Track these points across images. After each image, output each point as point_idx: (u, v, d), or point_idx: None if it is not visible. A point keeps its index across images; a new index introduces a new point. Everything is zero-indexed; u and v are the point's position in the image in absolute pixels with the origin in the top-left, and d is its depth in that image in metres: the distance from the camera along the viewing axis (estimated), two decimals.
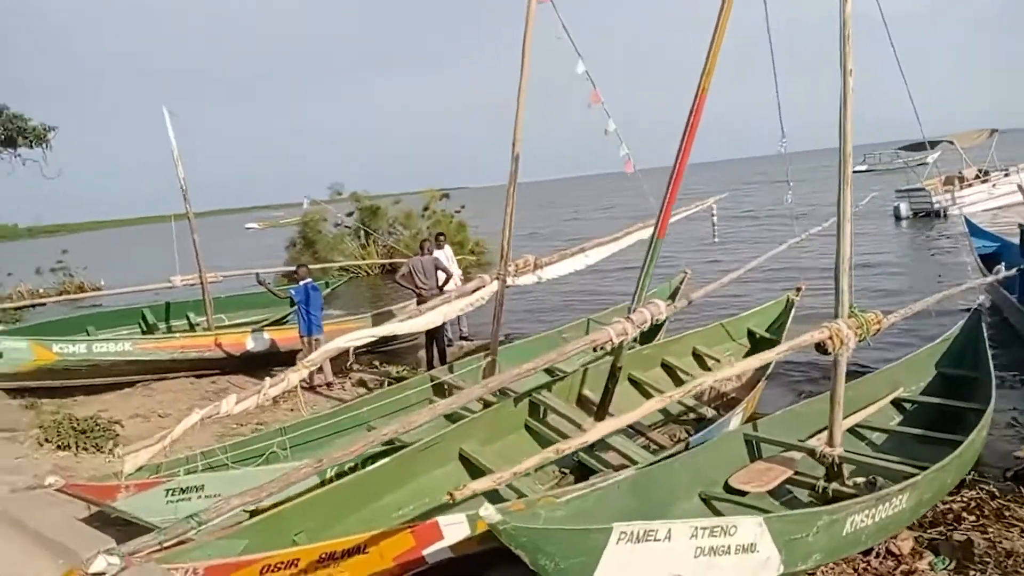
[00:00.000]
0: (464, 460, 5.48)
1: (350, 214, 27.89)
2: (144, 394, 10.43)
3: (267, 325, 13.13)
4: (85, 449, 7.32)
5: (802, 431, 5.86)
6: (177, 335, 11.16)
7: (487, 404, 6.99)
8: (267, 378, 4.97)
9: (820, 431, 5.84)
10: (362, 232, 27.68)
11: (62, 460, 7.03)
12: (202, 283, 11.71)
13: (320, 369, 10.20)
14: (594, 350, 5.02)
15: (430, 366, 10.43)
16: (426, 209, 29.20)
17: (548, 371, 7.47)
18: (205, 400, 10.03)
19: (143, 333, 13.00)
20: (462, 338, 11.89)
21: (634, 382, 7.62)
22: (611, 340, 4.93)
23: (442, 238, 11.60)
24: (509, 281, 6.73)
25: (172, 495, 4.48)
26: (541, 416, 6.38)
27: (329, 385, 10.14)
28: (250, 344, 11.38)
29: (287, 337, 11.73)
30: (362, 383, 10.35)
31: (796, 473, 5.19)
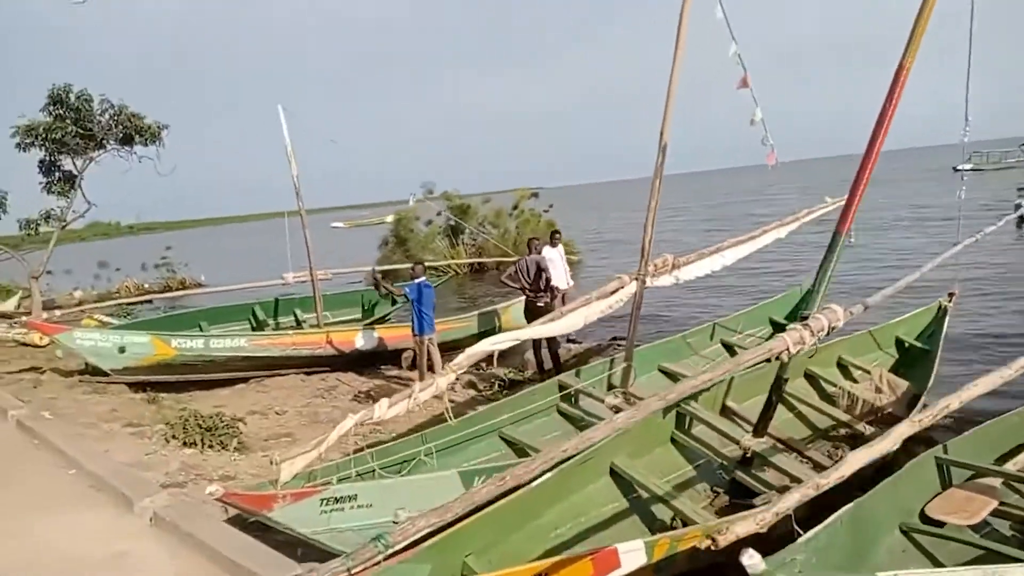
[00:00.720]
0: (615, 475, 5.07)
1: (439, 213, 27.99)
2: (258, 390, 10.49)
3: (375, 323, 13.14)
4: (210, 447, 7.29)
5: (994, 452, 5.20)
6: (289, 332, 11.20)
7: (617, 411, 6.60)
8: (415, 383, 4.69)
9: (1015, 452, 5.18)
10: (451, 231, 27.75)
11: (189, 458, 6.99)
12: (312, 280, 11.72)
13: (431, 370, 10.02)
14: (769, 360, 4.51)
15: (540, 369, 10.09)
16: (515, 208, 29.00)
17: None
18: (317, 397, 10.02)
19: (253, 329, 13.22)
20: (569, 340, 11.47)
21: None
22: (787, 349, 4.42)
23: (557, 236, 11.15)
24: (648, 282, 6.26)
25: (326, 505, 4.25)
26: (687, 428, 5.91)
27: None
28: (359, 342, 11.32)
29: (395, 335, 11.65)
30: (472, 385, 10.08)
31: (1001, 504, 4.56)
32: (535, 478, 4.62)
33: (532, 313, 9.32)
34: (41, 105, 15.90)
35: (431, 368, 9.99)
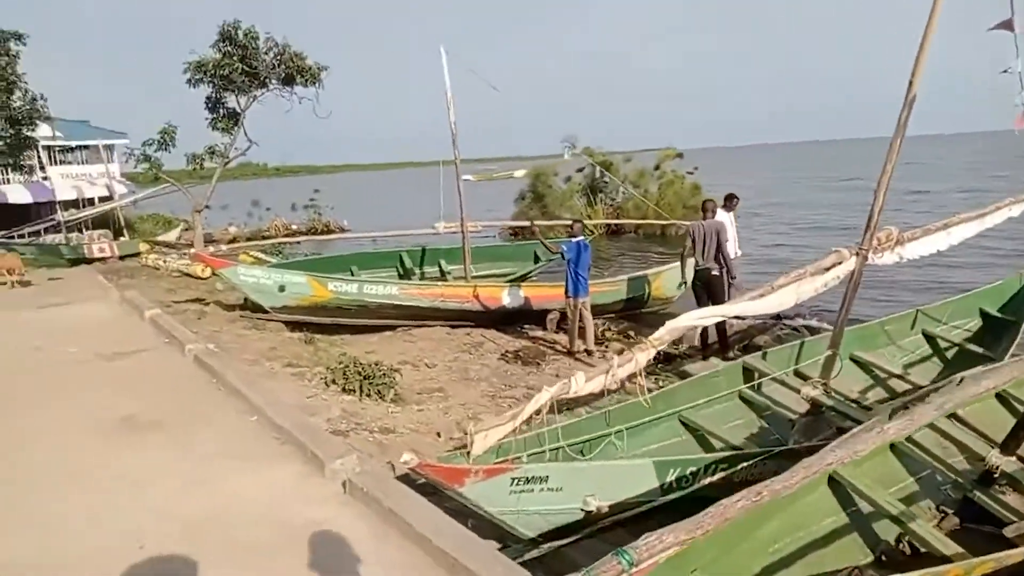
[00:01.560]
0: (833, 484, 4.37)
1: (580, 170, 27.23)
2: (405, 340, 10.41)
3: (518, 280, 12.79)
4: (368, 395, 7.15)
5: None
6: (439, 284, 11.03)
7: (816, 405, 5.82)
8: (614, 356, 4.17)
9: None
10: (590, 190, 26.97)
11: (348, 404, 6.87)
12: (463, 232, 11.46)
13: (582, 335, 9.52)
14: None
15: (703, 344, 9.32)
16: (656, 168, 27.74)
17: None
18: (464, 352, 9.78)
19: (400, 277, 13.22)
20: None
21: None
22: None
23: (735, 200, 10.05)
24: (871, 259, 5.38)
25: (516, 484, 3.86)
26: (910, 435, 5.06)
27: (589, 353, 9.40)
28: (505, 299, 10.99)
29: (542, 295, 11.25)
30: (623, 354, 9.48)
31: None
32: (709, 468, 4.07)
33: (706, 285, 8.54)
34: (212, 42, 16.50)
35: (582, 334, 9.50)
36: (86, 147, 31.02)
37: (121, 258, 19.86)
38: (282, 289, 10.08)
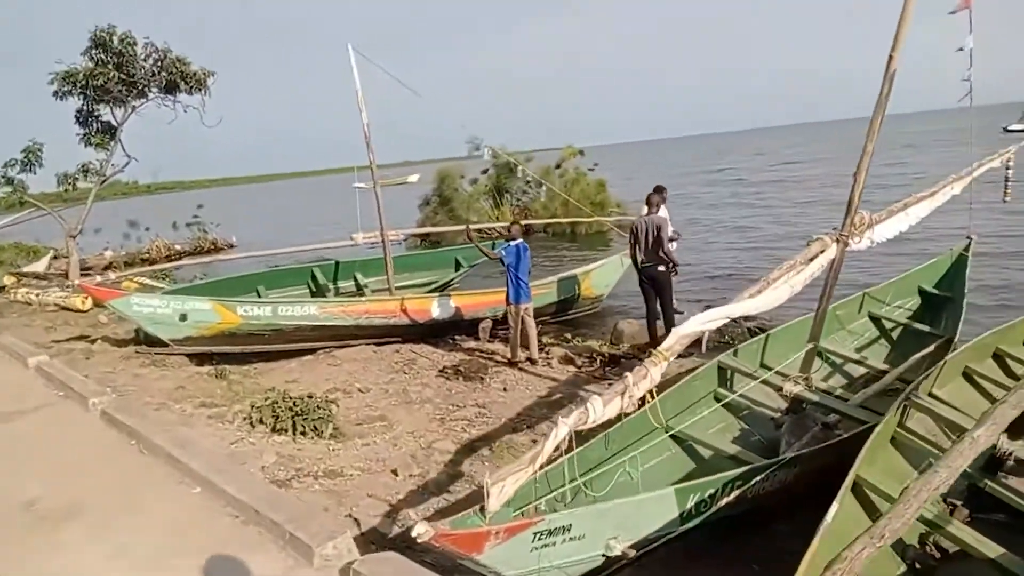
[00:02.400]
0: (857, 488, 4.02)
1: (485, 171, 26.73)
2: (329, 363, 9.50)
3: (443, 289, 12.14)
4: (303, 433, 6.30)
5: None
6: (362, 299, 10.17)
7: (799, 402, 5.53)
8: (627, 373, 3.61)
9: None
10: (495, 191, 26.51)
11: (281, 446, 6.02)
12: (383, 241, 10.65)
13: (524, 343, 8.98)
14: None
15: (653, 339, 8.93)
16: (558, 166, 27.65)
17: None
18: (398, 372, 9.00)
19: (312, 294, 12.24)
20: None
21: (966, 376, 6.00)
22: None
23: (664, 192, 9.73)
24: (852, 244, 5.12)
25: (538, 540, 3.20)
26: (905, 423, 4.82)
27: (532, 362, 8.86)
28: (435, 310, 10.29)
29: (472, 304, 10.64)
30: (569, 360, 9.01)
31: None
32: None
33: (653, 283, 8.18)
34: (76, 52, 14.79)
35: (525, 342, 8.95)
36: None
37: None
38: (183, 318, 8.95)
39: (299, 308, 9.54)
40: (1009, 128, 50.20)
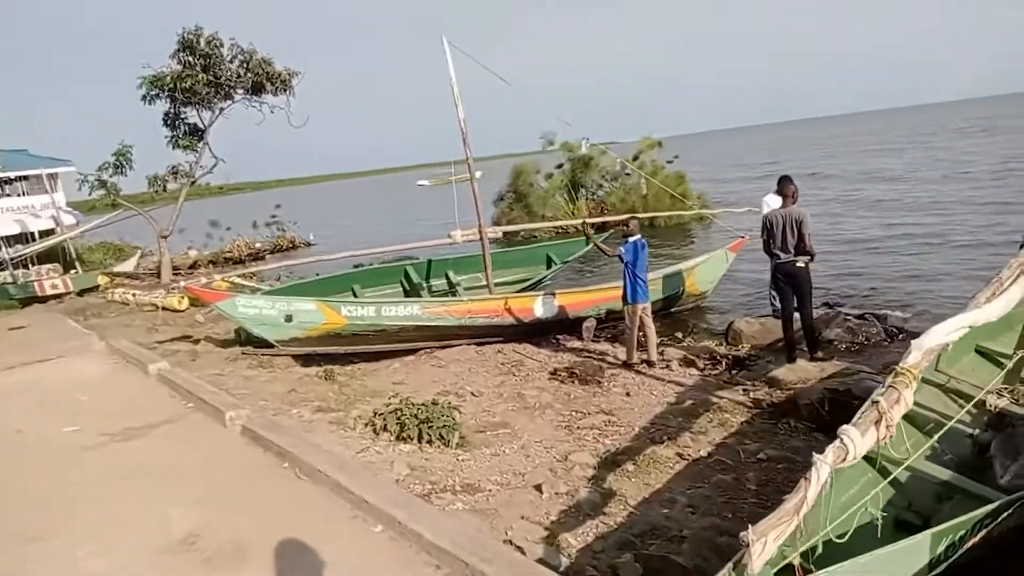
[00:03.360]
0: None
1: (559, 166, 26.25)
2: (433, 364, 9.22)
3: (536, 286, 11.76)
4: (429, 442, 5.96)
5: None
6: (465, 299, 9.84)
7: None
8: (878, 398, 3.10)
9: None
10: (571, 185, 25.95)
11: (409, 456, 5.70)
12: (481, 238, 10.28)
13: (641, 345, 8.48)
14: None
15: (789, 341, 8.18)
16: (635, 159, 26.87)
17: None
18: (507, 374, 8.62)
19: (405, 293, 12.02)
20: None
21: None
22: None
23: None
24: None
25: None
26: None
27: (650, 364, 8.35)
28: (539, 310, 9.89)
29: (576, 302, 10.21)
30: (689, 362, 8.46)
31: None
32: None
33: (790, 279, 7.55)
34: (155, 58, 15.00)
35: (642, 345, 8.45)
36: (26, 178, 28.78)
37: (79, 294, 18.10)
38: (289, 319, 8.78)
39: (403, 308, 9.28)
40: None
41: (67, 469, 5.41)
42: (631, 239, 8.22)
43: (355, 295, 11.46)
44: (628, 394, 7.43)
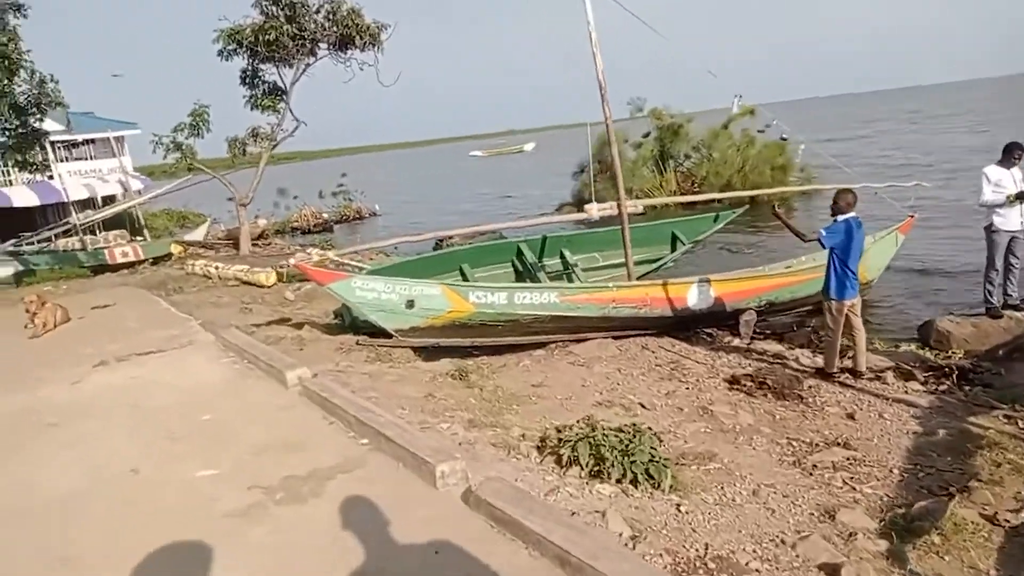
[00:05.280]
0: None
1: (647, 135, 24.45)
2: (570, 361, 7.86)
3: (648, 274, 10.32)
4: (634, 482, 4.57)
5: None
6: (610, 286, 8.39)
7: None
8: None
9: None
10: (659, 156, 24.16)
11: (614, 502, 4.32)
12: (620, 214, 8.83)
13: (844, 351, 6.95)
14: None
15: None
16: (725, 127, 24.87)
17: None
18: (670, 379, 7.21)
19: (517, 273, 10.67)
20: (1008, 306, 7.97)
21: None
22: None
23: (1019, 153, 7.52)
24: None
25: None
26: None
27: (857, 375, 6.79)
28: (692, 299, 8.44)
29: (736, 291, 8.78)
30: (907, 375, 6.85)
31: None
32: None
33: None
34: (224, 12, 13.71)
35: (845, 351, 6.92)
36: (93, 141, 28.19)
37: (153, 262, 17.23)
38: (411, 305, 7.49)
39: (538, 295, 7.90)
40: None
41: (215, 554, 3.59)
42: (841, 217, 6.64)
43: (463, 275, 10.14)
44: (851, 416, 5.92)
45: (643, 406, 6.39)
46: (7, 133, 14.53)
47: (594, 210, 8.83)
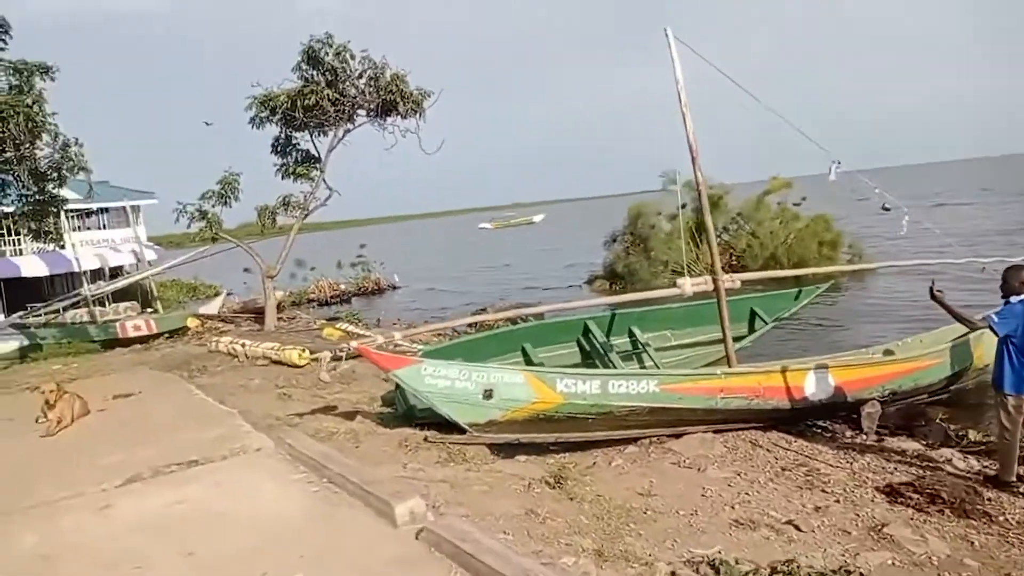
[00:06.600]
0: None
1: (684, 206, 23.67)
2: (673, 461, 6.64)
3: (830, 360, 9.10)
4: None
5: None
6: (718, 373, 7.22)
7: None
8: None
9: None
10: (695, 227, 23.30)
11: None
12: (717, 290, 7.76)
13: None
14: None
15: None
16: (764, 196, 24.12)
17: None
18: (808, 488, 5.95)
19: (583, 353, 9.53)
20: None
21: None
22: None
23: None
24: None
25: None
26: None
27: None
28: (809, 388, 7.26)
29: (858, 379, 7.58)
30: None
31: None
32: None
33: None
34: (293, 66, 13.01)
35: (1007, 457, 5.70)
36: (107, 209, 27.57)
37: (168, 336, 16.12)
38: (489, 395, 6.33)
39: (635, 383, 6.73)
40: None
41: None
42: (1015, 299, 5.55)
43: (526, 356, 9.02)
44: None
45: (796, 527, 5.14)
46: (24, 199, 13.71)
47: (687, 286, 7.75)
